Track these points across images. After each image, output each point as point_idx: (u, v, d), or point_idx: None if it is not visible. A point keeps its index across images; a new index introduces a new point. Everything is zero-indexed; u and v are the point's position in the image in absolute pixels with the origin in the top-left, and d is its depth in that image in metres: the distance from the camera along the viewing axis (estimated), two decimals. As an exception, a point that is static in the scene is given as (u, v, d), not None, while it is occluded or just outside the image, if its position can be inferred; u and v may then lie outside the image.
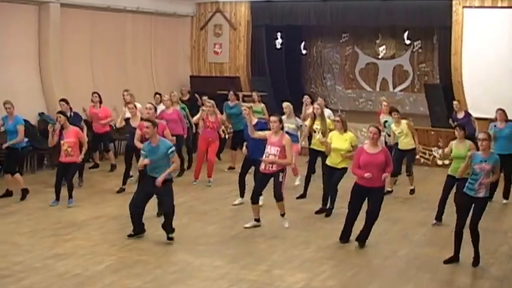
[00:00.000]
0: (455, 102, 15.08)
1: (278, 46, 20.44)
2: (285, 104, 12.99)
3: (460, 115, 14.67)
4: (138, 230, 9.64)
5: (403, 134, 12.77)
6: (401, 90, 20.79)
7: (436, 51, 19.35)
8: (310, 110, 13.31)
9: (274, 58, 20.20)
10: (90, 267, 8.34)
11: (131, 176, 12.84)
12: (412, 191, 12.96)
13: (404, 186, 13.17)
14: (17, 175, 11.95)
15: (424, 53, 20.38)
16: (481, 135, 8.85)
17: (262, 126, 11.38)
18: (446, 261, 8.85)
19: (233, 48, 19.84)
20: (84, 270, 8.25)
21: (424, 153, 16.19)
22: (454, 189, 10.51)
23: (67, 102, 13.21)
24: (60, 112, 11.65)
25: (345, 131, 10.96)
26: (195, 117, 13.94)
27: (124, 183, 12.74)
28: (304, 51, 21.98)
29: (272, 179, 10.13)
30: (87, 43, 16.93)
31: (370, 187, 9.28)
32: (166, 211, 9.48)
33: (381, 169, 9.23)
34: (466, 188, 8.80)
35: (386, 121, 13.34)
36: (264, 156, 10.07)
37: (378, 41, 21.01)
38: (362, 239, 9.51)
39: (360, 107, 21.03)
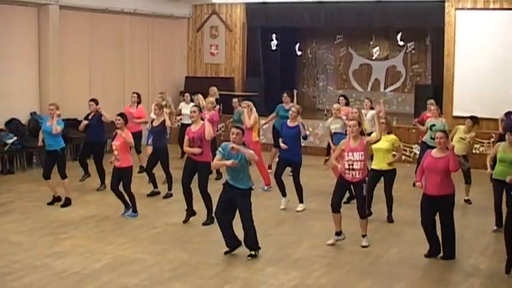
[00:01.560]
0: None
1: (273, 47, 20.55)
2: (336, 106, 12.86)
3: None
4: (233, 244, 9.04)
5: (465, 142, 12.15)
6: (391, 91, 20.94)
7: (429, 53, 19.54)
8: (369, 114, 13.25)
9: (270, 59, 20.32)
10: (88, 266, 8.46)
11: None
12: (468, 201, 12.37)
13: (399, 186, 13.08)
14: (67, 180, 11.77)
15: (417, 54, 20.56)
16: None
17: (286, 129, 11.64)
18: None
19: (229, 50, 19.96)
20: (82, 268, 8.36)
21: (405, 151, 16.11)
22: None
23: (97, 103, 12.94)
24: (120, 114, 11.16)
25: (389, 133, 10.76)
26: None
27: (155, 186, 12.56)
28: (299, 53, 22.11)
29: (353, 187, 9.68)
30: (86, 45, 17.05)
31: (437, 195, 8.89)
32: (246, 225, 8.87)
33: (444, 176, 8.83)
34: None
35: (434, 125, 12.83)
36: (346, 164, 9.34)
37: (371, 43, 21.17)
38: (449, 253, 9.10)
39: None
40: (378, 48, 20.98)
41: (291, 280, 8.14)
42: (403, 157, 15.83)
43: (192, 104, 14.20)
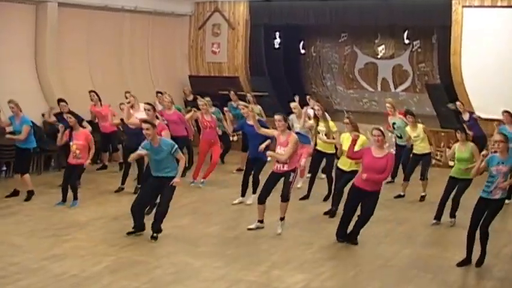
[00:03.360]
0: (458, 104, 14.92)
1: (277, 46, 20.38)
2: (293, 105, 12.89)
3: (465, 117, 14.59)
4: (139, 227, 9.64)
5: (419, 139, 12.47)
6: (403, 91, 20.72)
7: (436, 51, 19.30)
8: (309, 111, 13.18)
9: (273, 58, 20.14)
10: (88, 268, 8.27)
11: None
12: (423, 198, 12.63)
13: (417, 188, 12.90)
14: (26, 176, 11.85)
15: (423, 53, 20.30)
16: (497, 137, 8.75)
17: (263, 125, 11.39)
18: (459, 264, 8.73)
19: (231, 48, 19.78)
20: (81, 271, 8.17)
21: (436, 155, 16.05)
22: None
23: (66, 103, 13.11)
24: (70, 112, 11.45)
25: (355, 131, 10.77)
26: (186, 116, 13.73)
27: (123, 182, 12.70)
28: (302, 51, 21.92)
29: (282, 178, 9.97)
30: (85, 42, 16.88)
31: (366, 190, 9.24)
32: (163, 210, 9.45)
33: (379, 173, 9.16)
34: (482, 191, 8.68)
35: (394, 123, 13.14)
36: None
37: (376, 41, 20.95)
38: (352, 238, 9.54)
39: (364, 108, 20.92)
40: (383, 46, 20.77)
41: (296, 283, 8.00)
42: (433, 161, 15.63)
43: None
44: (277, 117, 10.00)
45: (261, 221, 10.18)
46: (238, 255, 8.98)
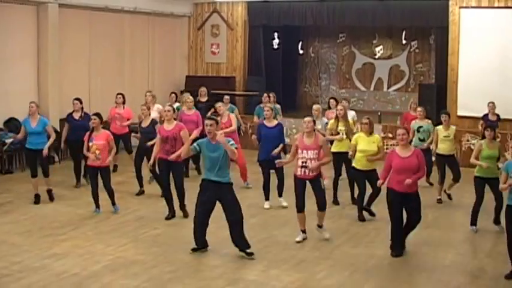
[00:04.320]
0: (490, 104, 14.61)
1: (275, 46, 20.44)
2: (315, 106, 12.73)
3: (493, 118, 14.42)
4: (201, 245, 9.12)
5: (448, 139, 12.12)
6: (395, 90, 20.85)
7: (433, 52, 19.42)
8: (333, 114, 13.09)
9: (272, 58, 20.21)
10: (88, 267, 8.37)
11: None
12: (439, 201, 12.28)
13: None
14: (49, 178, 11.89)
15: (420, 53, 20.46)
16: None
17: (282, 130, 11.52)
18: (507, 276, 8.35)
19: (230, 49, 19.86)
20: (82, 269, 8.28)
21: None
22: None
23: (81, 102, 13.04)
24: (96, 114, 11.07)
25: (371, 133, 10.78)
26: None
27: (141, 184, 12.62)
28: (301, 51, 22.02)
29: (310, 185, 9.52)
30: (85, 43, 16.96)
31: (406, 192, 8.91)
32: (237, 219, 8.82)
33: (415, 173, 8.90)
34: (508, 199, 8.39)
35: (421, 126, 12.77)
36: (300, 162, 9.40)
37: (374, 41, 21.07)
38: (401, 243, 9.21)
39: (350, 106, 20.98)
40: (381, 47, 20.89)
41: (293, 282, 8.06)
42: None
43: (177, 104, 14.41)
44: (307, 118, 9.47)
45: (304, 231, 9.74)
46: (235, 254, 8.99)
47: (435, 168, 12.45)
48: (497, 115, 14.57)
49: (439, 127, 12.22)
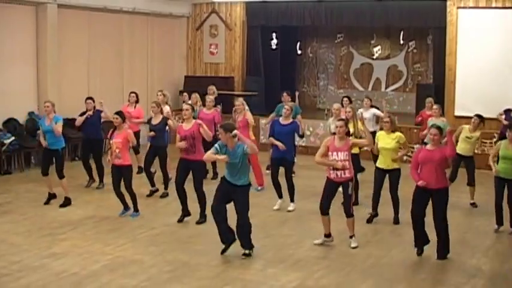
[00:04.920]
0: None
1: (273, 46, 20.47)
2: (336, 105, 12.74)
3: None
4: (230, 239, 9.02)
5: (471, 141, 11.97)
6: (393, 90, 20.89)
7: (431, 52, 19.46)
8: (369, 113, 13.31)
9: (270, 58, 20.21)
10: (87, 267, 8.40)
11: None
12: (473, 205, 12.12)
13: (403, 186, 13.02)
14: (64, 180, 11.67)
15: (418, 54, 20.49)
16: None
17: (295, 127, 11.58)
18: None
19: (229, 49, 19.87)
20: (81, 269, 8.31)
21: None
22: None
23: (93, 100, 13.01)
24: (117, 113, 11.02)
25: (393, 131, 10.66)
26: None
27: (153, 184, 12.56)
28: (299, 52, 22.05)
29: (341, 188, 9.43)
30: (84, 44, 16.99)
31: (431, 189, 8.83)
32: (242, 223, 8.83)
33: (439, 169, 8.80)
34: None
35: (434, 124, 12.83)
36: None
37: (372, 42, 21.10)
38: (442, 254, 9.05)
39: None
40: (379, 47, 20.92)
41: (291, 281, 8.08)
42: (405, 157, 15.69)
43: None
44: (339, 123, 9.34)
45: (328, 235, 9.60)
46: (233, 254, 9.00)
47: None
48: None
49: (466, 126, 12.11)
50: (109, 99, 14.85)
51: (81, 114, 12.96)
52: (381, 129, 11.28)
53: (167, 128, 12.52)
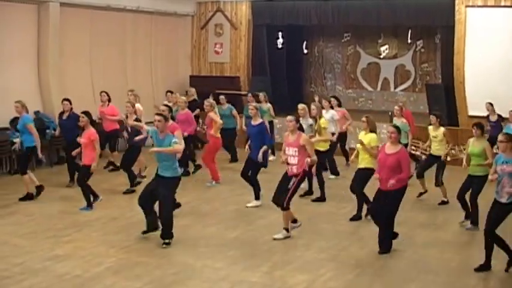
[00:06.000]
0: (486, 105, 14.72)
1: (279, 46, 20.42)
2: (301, 106, 12.75)
3: (493, 118, 14.60)
4: (151, 225, 9.52)
5: (436, 140, 12.22)
6: (402, 90, 20.75)
7: (439, 51, 19.30)
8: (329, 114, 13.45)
9: (276, 58, 20.15)
10: (91, 269, 8.29)
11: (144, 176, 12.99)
12: (444, 202, 12.14)
13: (412, 187, 12.89)
14: (26, 176, 11.90)
15: (426, 53, 20.35)
16: (499, 137, 8.69)
17: (249, 127, 11.78)
18: (477, 269, 8.54)
19: (234, 48, 19.79)
20: (84, 271, 8.20)
21: (425, 150, 15.98)
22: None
23: (70, 102, 13.19)
24: (84, 112, 11.45)
25: (370, 131, 10.78)
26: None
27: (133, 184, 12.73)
28: (305, 51, 21.94)
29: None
30: (87, 42, 16.91)
31: (385, 190, 9.00)
32: (164, 220, 9.29)
33: (392, 172, 8.93)
34: (495, 191, 8.54)
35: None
36: (284, 158, 9.77)
37: (380, 41, 20.98)
38: (384, 247, 9.22)
39: (358, 106, 21.00)
40: (386, 46, 20.81)
41: (298, 284, 7.99)
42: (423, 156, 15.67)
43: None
44: (289, 117, 9.85)
45: (287, 230, 9.84)
46: (239, 255, 8.95)
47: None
48: (499, 115, 14.63)
49: (430, 127, 12.46)
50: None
51: (60, 115, 13.36)
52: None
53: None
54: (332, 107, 14.33)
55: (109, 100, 14.37)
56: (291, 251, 9.23)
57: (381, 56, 20.94)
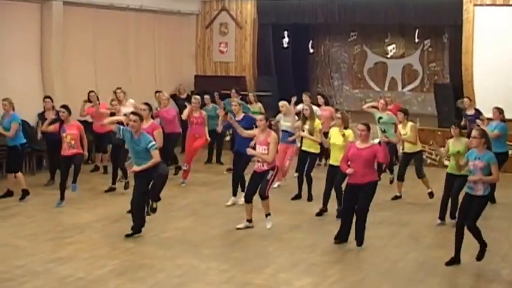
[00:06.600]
0: (465, 100, 14.79)
1: (285, 45, 20.32)
2: (281, 103, 12.92)
3: (470, 112, 14.46)
4: (137, 227, 9.64)
5: (406, 137, 12.29)
6: (410, 90, 20.61)
7: (447, 50, 19.17)
8: (298, 107, 13.28)
9: (281, 57, 20.05)
10: (93, 271, 8.20)
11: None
12: (431, 195, 12.14)
13: (413, 189, 12.88)
14: (19, 174, 11.88)
15: (434, 52, 20.21)
16: (472, 133, 8.83)
17: (250, 120, 11.75)
18: (447, 263, 8.71)
19: (239, 47, 19.69)
20: (87, 274, 8.11)
21: (431, 154, 15.95)
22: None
23: (52, 100, 13.35)
24: (63, 106, 11.59)
25: (345, 128, 10.80)
26: (184, 112, 13.76)
27: (114, 182, 12.80)
28: (311, 50, 21.83)
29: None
30: (90, 41, 16.84)
31: (359, 184, 9.22)
32: (156, 186, 9.57)
33: (367, 165, 9.23)
34: (466, 186, 8.77)
35: (381, 117, 13.10)
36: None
37: (387, 40, 20.85)
38: (358, 239, 9.43)
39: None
40: (393, 45, 20.67)
41: (304, 286, 7.92)
42: (428, 161, 15.60)
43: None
44: (259, 117, 10.31)
45: (250, 221, 10.21)
46: (243, 257, 8.87)
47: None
48: (476, 109, 14.55)
49: (400, 125, 12.53)
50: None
51: (41, 115, 13.51)
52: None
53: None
54: (319, 105, 14.21)
55: (97, 99, 14.13)
56: (296, 253, 9.14)
57: (388, 56, 20.81)
